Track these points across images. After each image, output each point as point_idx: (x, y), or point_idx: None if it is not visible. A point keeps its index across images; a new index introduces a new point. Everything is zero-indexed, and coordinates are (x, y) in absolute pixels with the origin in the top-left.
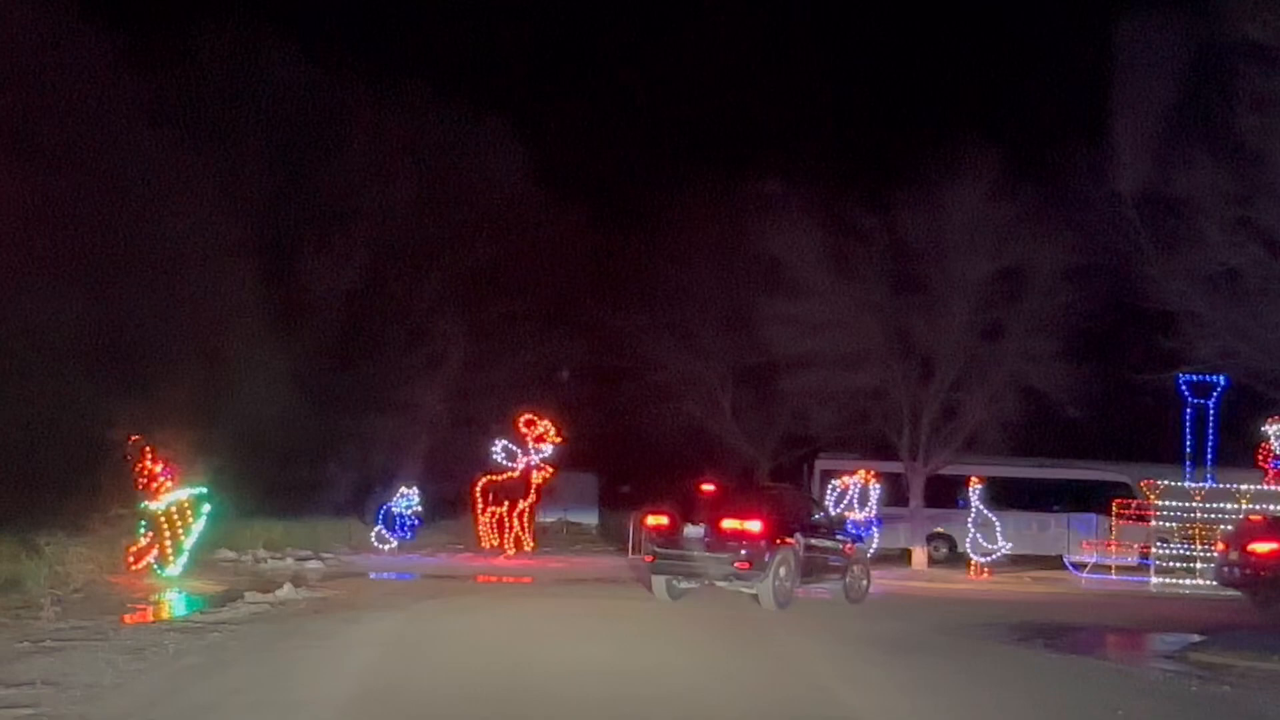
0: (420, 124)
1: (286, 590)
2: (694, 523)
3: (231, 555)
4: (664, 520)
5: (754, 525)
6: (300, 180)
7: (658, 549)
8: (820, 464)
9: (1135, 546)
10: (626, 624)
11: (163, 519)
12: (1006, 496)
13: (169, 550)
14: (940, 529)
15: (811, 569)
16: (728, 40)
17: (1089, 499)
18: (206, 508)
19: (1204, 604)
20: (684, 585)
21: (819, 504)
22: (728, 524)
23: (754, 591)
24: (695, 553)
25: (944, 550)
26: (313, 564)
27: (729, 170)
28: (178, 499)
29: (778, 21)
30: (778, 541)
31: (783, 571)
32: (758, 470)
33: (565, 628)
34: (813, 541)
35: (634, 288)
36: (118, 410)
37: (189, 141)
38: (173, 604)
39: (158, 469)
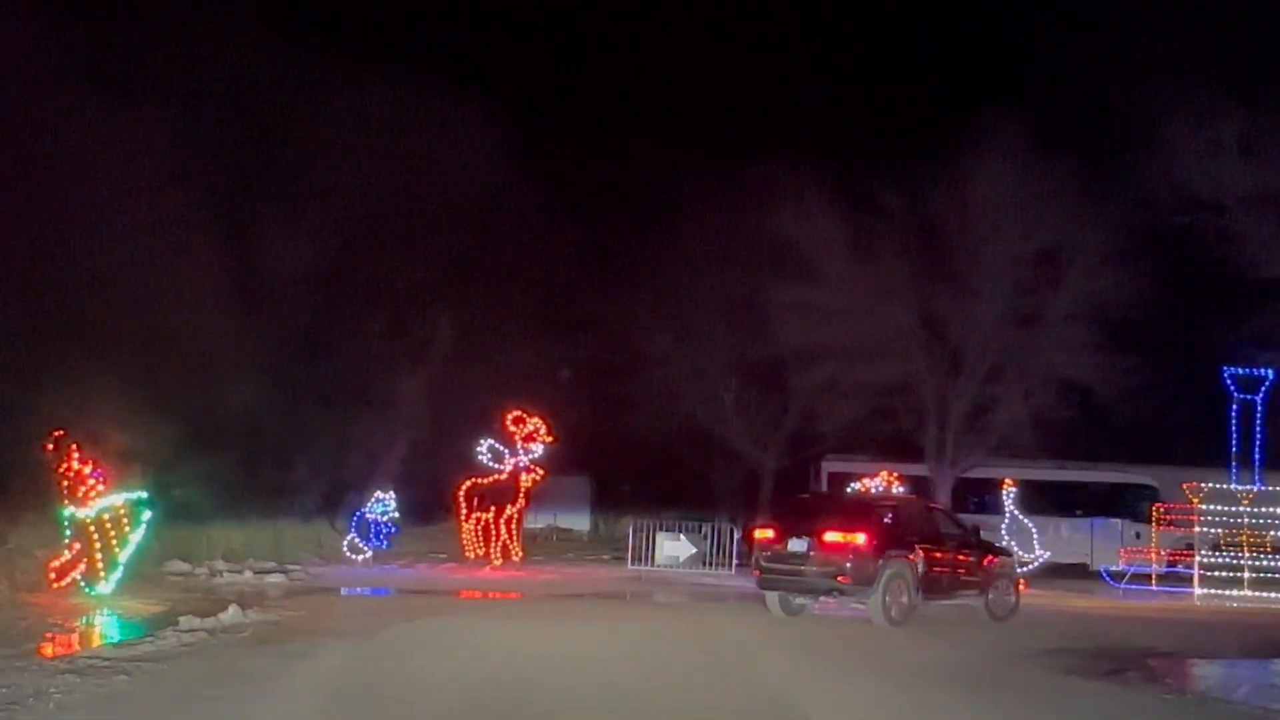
0: (400, 100)
1: (231, 613)
2: (799, 535)
3: (184, 568)
4: (770, 533)
5: (859, 538)
6: (265, 151)
7: (764, 563)
8: (827, 466)
9: (1163, 554)
10: (632, 646)
11: (92, 528)
12: (1022, 500)
13: (99, 565)
14: None
15: (938, 584)
16: (731, 8)
17: (1112, 503)
18: (147, 515)
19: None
20: (799, 601)
21: (951, 515)
22: (831, 536)
23: (865, 607)
24: (800, 567)
25: None
26: (275, 578)
27: (734, 147)
28: (111, 505)
29: None
30: (888, 555)
31: (896, 587)
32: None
33: (561, 655)
34: (939, 555)
35: (630, 277)
36: (37, 400)
37: (136, 104)
38: (91, 632)
39: (86, 470)
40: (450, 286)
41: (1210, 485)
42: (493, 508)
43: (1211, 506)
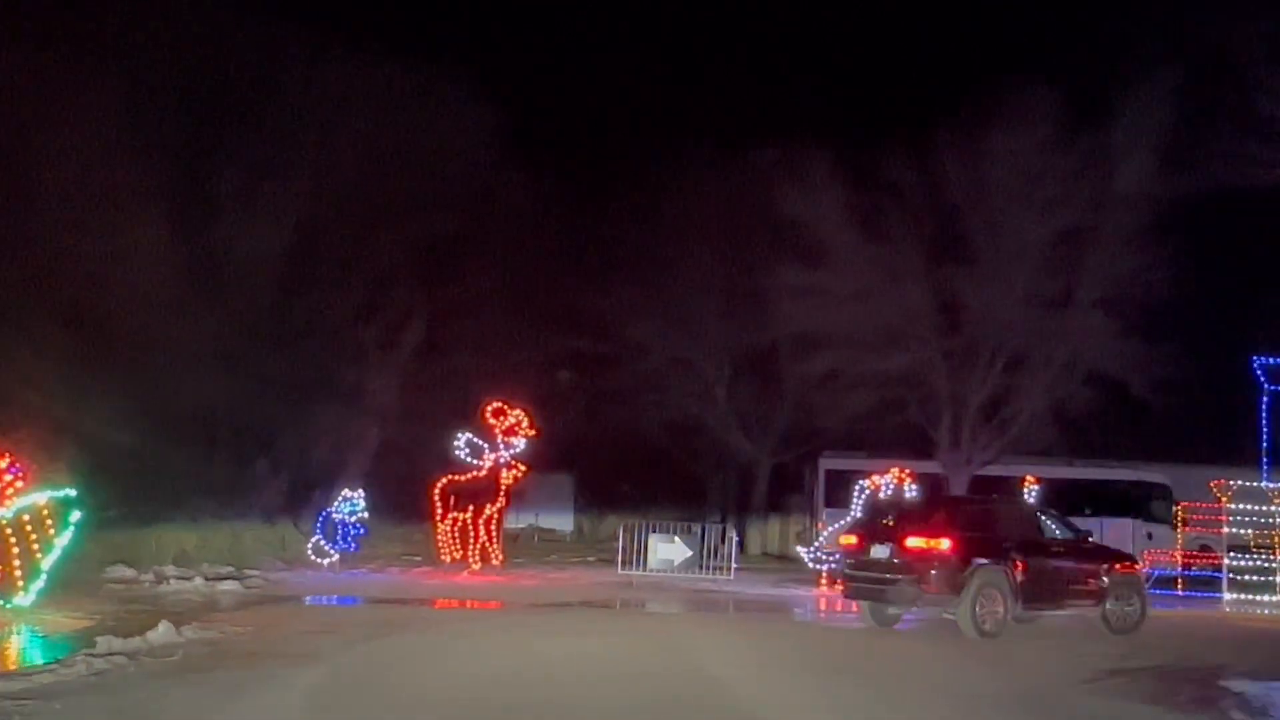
0: (374, 72)
1: (161, 632)
2: (881, 541)
3: (128, 574)
4: (854, 538)
5: (943, 543)
6: (227, 120)
7: (849, 570)
8: (824, 463)
9: (1177, 556)
10: (636, 669)
11: (9, 531)
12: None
13: (17, 573)
14: None
15: (1041, 594)
16: None
17: (1123, 502)
18: (76, 515)
19: None
20: (892, 610)
21: (1061, 519)
22: (913, 542)
23: (954, 617)
24: (882, 575)
25: None
26: (228, 585)
27: (731, 120)
28: (32, 504)
29: None
30: (978, 562)
31: (988, 596)
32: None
33: (561, 675)
34: (1043, 562)
35: (618, 262)
36: None
37: (84, 65)
38: None
39: (3, 464)
40: (426, 271)
41: (1239, 483)
42: (470, 507)
43: (1240, 506)
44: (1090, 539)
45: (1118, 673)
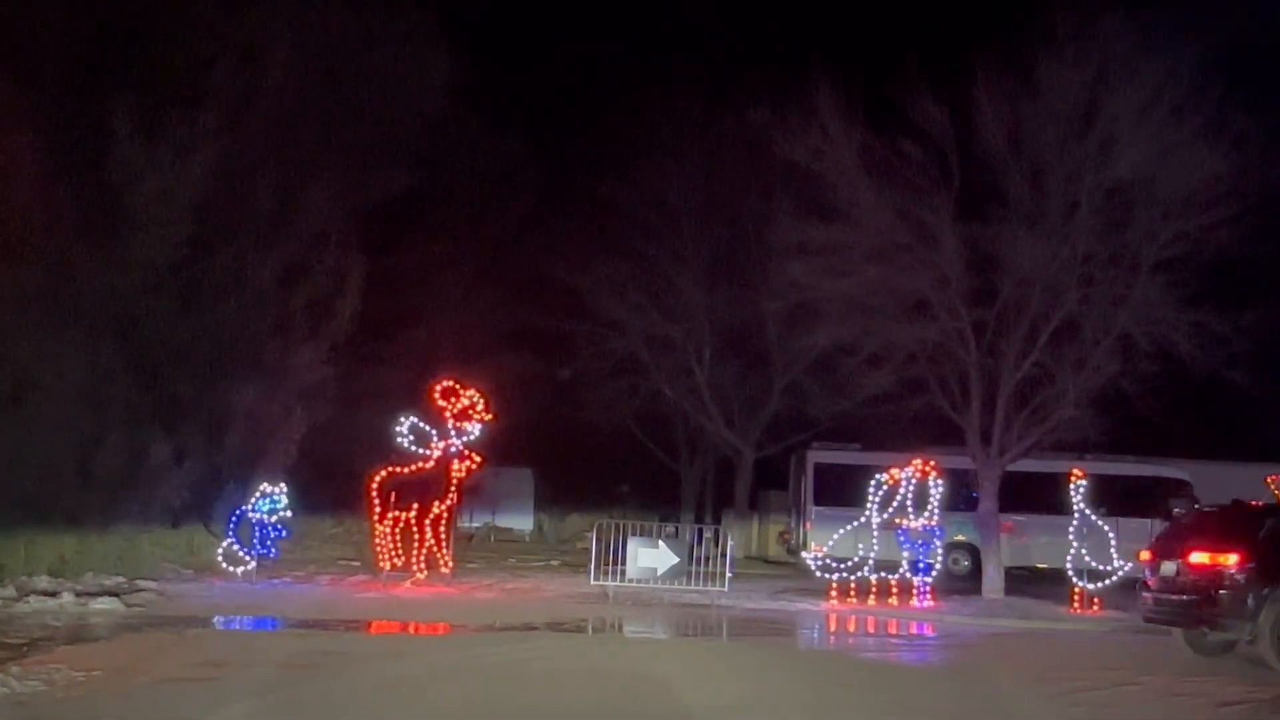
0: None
1: None
2: (1170, 556)
3: None
4: (1148, 554)
5: (1230, 558)
6: (129, 31)
7: (1145, 590)
8: (813, 457)
9: None
10: None
11: None
12: (1030, 497)
13: None
14: (961, 537)
15: None
16: None
17: (1139, 500)
18: None
19: None
20: (1214, 639)
21: None
22: (1197, 557)
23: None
24: (1169, 595)
25: (965, 564)
26: (106, 602)
27: (722, 48)
28: None
29: None
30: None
31: None
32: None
33: None
34: None
35: (586, 230)
36: None
37: None
38: None
39: None
40: (368, 232)
41: None
42: (415, 504)
43: None
44: None
45: None
